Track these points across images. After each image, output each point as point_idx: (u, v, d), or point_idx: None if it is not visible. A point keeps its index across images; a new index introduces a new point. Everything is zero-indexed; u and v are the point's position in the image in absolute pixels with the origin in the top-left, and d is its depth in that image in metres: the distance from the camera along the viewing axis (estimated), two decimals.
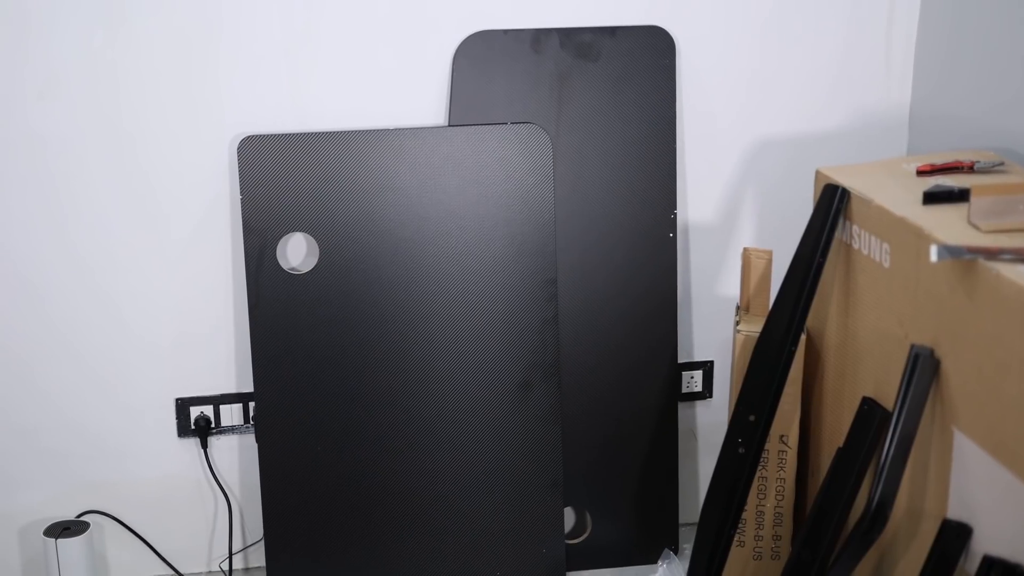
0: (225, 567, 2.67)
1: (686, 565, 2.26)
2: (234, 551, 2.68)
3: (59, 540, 2.45)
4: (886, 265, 1.94)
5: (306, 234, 2.47)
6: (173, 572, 2.67)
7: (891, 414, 1.84)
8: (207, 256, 2.53)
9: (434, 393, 2.53)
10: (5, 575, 2.61)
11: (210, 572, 2.70)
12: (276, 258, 2.45)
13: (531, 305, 2.54)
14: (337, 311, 2.49)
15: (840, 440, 2.03)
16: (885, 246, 1.94)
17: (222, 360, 2.59)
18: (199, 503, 2.66)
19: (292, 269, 2.48)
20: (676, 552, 2.65)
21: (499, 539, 2.60)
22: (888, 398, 1.92)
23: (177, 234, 2.51)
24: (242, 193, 2.43)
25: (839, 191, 2.07)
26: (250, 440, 2.63)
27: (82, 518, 2.56)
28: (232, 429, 2.63)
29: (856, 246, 2.04)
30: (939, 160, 2.13)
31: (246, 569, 2.71)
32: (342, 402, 2.51)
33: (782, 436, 2.23)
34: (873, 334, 2.01)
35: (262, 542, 2.60)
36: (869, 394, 1.99)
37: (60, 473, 2.58)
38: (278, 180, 2.44)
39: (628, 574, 2.64)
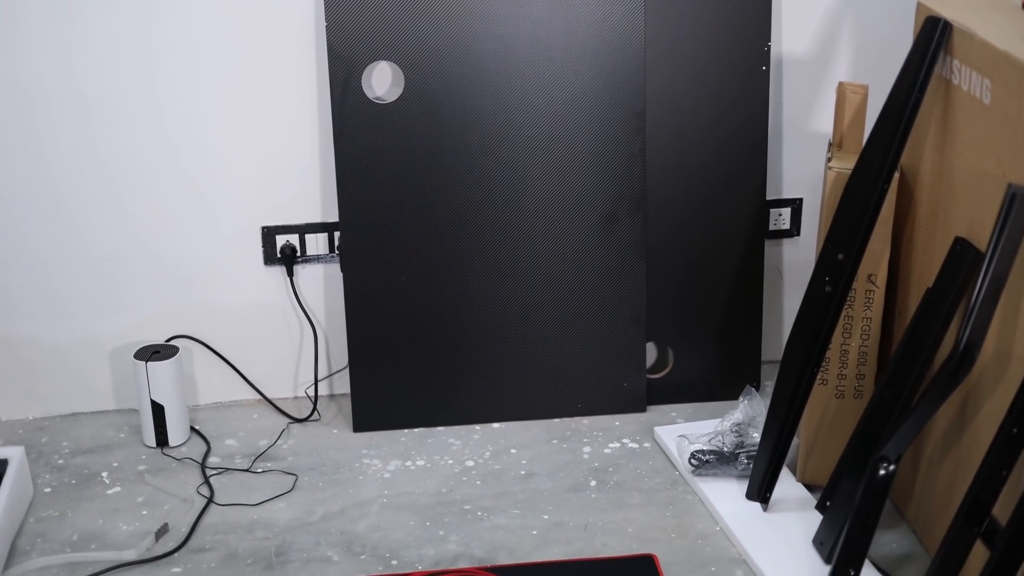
0: (311, 393, 2.72)
1: (767, 402, 2.26)
2: (319, 378, 2.72)
3: (149, 363, 2.50)
4: (986, 102, 1.88)
5: (391, 63, 2.44)
6: (260, 397, 2.72)
7: (984, 255, 1.80)
8: (292, 84, 2.52)
9: (518, 224, 2.52)
10: (97, 397, 2.68)
11: (296, 398, 2.75)
12: (361, 87, 2.43)
13: (618, 137, 2.50)
14: (422, 141, 2.47)
15: (929, 280, 2.00)
16: (986, 82, 1.87)
17: (307, 189, 2.60)
18: (285, 330, 2.69)
19: (377, 98, 2.46)
20: (758, 389, 2.65)
21: (580, 372, 2.62)
22: (981, 239, 1.88)
23: (262, 61, 2.50)
24: (327, 19, 2.40)
25: (941, 24, 2.00)
26: (335, 269, 2.65)
27: (171, 343, 2.61)
28: (317, 258, 2.65)
29: (956, 82, 1.98)
30: None
31: (331, 395, 2.76)
32: (426, 232, 2.51)
33: (870, 275, 2.19)
34: (969, 173, 1.96)
35: (347, 369, 2.64)
36: (962, 234, 1.95)
37: (149, 298, 2.62)
38: (364, 6, 2.40)
39: (709, 409, 2.65)
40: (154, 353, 2.53)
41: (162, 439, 2.54)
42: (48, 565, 2.17)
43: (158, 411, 2.51)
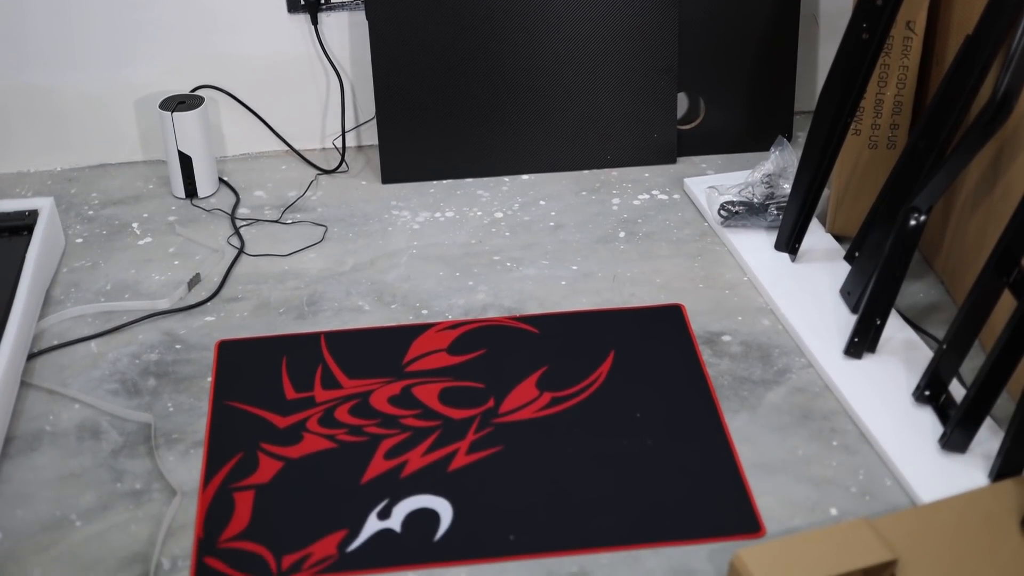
0: (338, 144, 2.71)
1: (799, 153, 2.23)
2: (347, 129, 2.70)
3: (175, 113, 2.48)
4: None
5: None
6: (288, 148, 2.71)
7: None
8: None
9: None
10: (124, 147, 2.68)
11: (324, 149, 2.73)
12: None
13: None
14: None
15: (969, 27, 1.94)
16: None
17: None
18: (311, 81, 2.66)
19: None
20: (789, 139, 2.62)
21: (610, 123, 2.59)
22: None
23: None
24: None
25: None
26: (361, 17, 2.59)
27: (196, 93, 2.58)
28: (342, 5, 2.59)
29: None
30: None
31: (359, 147, 2.74)
32: None
33: (909, 22, 2.14)
34: None
35: (374, 120, 2.62)
36: None
37: (172, 47, 2.58)
38: None
39: (739, 160, 2.63)
40: (179, 103, 2.51)
41: (191, 190, 2.54)
42: (82, 314, 2.21)
43: (186, 162, 2.51)
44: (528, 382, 2.02)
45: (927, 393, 1.90)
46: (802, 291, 2.19)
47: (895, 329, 2.07)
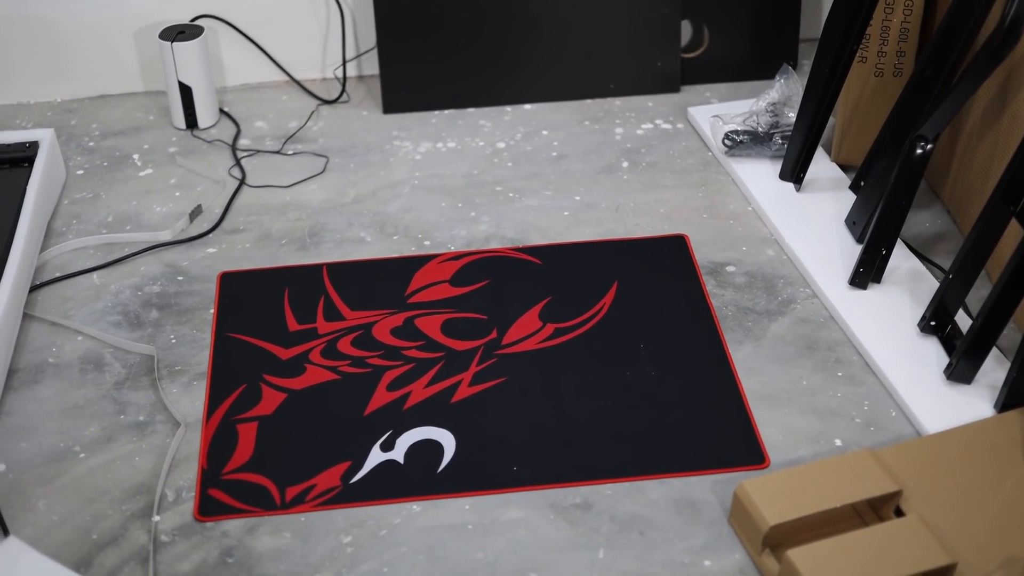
0: (339, 74, 2.68)
1: (804, 81, 2.21)
2: (347, 58, 2.68)
3: (175, 43, 2.45)
4: None
5: None
6: (288, 78, 2.69)
7: None
8: None
9: None
10: (124, 78, 2.65)
11: (324, 79, 2.71)
12: None
13: None
14: None
15: None
16: None
17: None
18: (311, 9, 2.63)
19: None
20: (795, 67, 2.60)
21: (613, 52, 2.56)
22: None
23: None
24: None
25: None
26: None
27: (196, 22, 2.56)
28: None
29: None
30: None
31: (360, 77, 2.72)
32: None
33: None
34: None
35: (375, 50, 2.60)
36: None
37: None
38: None
39: (744, 89, 2.61)
40: (179, 33, 2.48)
41: (191, 121, 2.52)
42: (84, 246, 2.20)
43: (186, 92, 2.49)
44: (531, 313, 2.01)
45: (932, 323, 1.90)
46: (807, 221, 2.18)
47: (901, 259, 2.06)
